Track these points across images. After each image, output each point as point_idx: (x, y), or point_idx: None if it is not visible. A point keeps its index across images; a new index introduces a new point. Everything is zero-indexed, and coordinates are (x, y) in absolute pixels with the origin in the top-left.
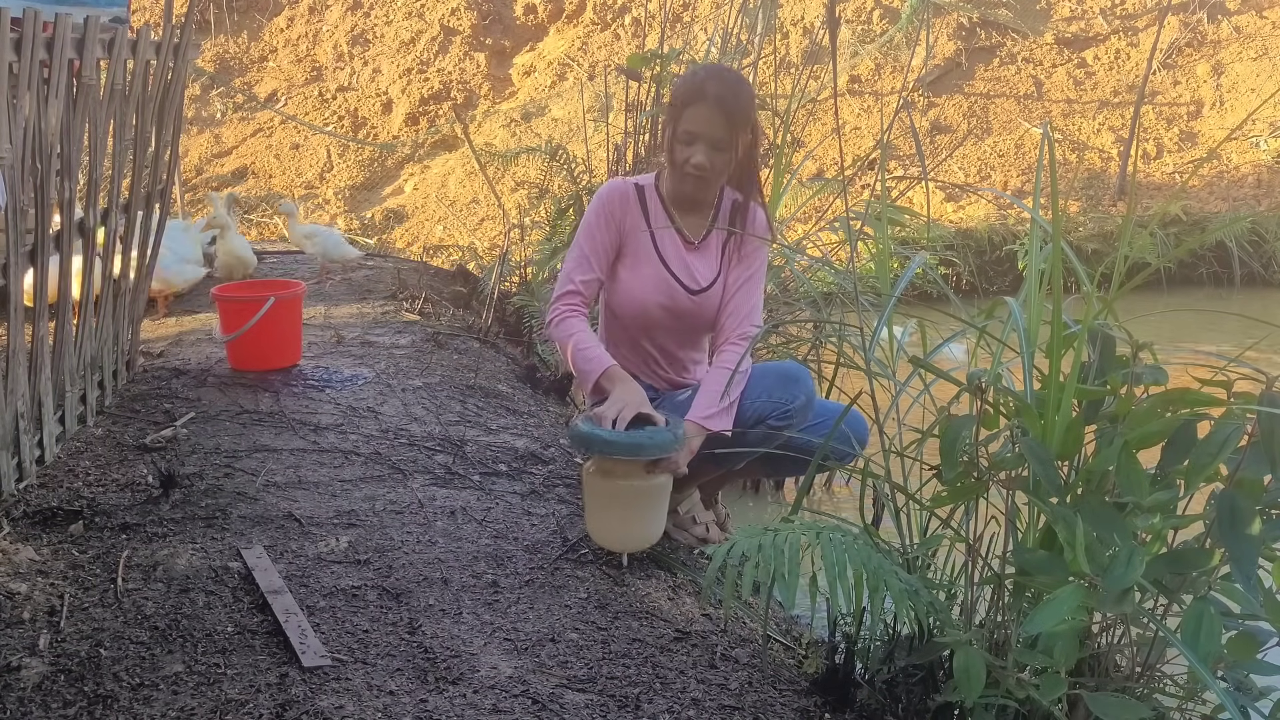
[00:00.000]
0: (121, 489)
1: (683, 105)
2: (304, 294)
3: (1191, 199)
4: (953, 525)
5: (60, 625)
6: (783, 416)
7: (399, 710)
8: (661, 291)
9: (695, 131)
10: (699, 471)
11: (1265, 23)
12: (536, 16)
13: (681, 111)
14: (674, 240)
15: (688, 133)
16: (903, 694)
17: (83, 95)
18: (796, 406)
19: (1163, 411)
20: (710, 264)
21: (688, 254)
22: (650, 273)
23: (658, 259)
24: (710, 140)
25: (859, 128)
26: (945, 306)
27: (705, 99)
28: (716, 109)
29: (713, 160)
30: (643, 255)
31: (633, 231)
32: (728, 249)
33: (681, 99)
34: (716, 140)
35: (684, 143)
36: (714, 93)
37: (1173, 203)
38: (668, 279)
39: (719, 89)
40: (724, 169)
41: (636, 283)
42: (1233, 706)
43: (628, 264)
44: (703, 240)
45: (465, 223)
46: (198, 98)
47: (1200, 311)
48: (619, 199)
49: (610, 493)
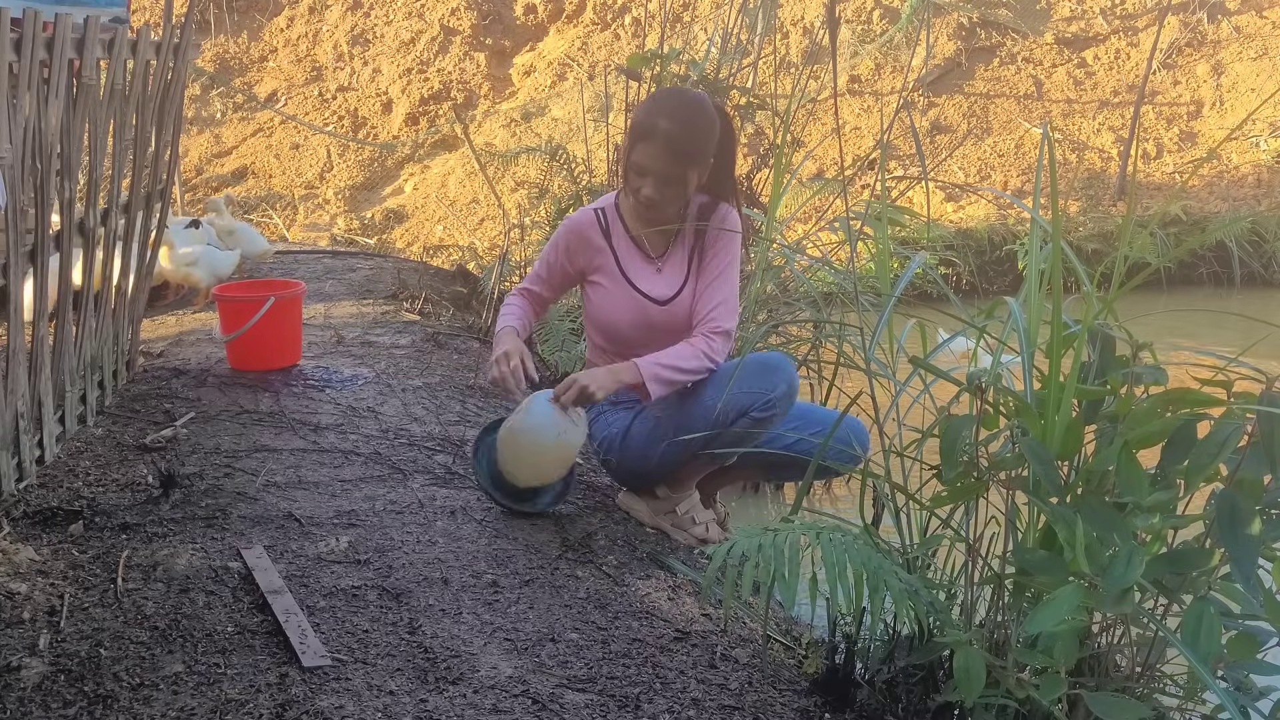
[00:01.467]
0: (121, 489)
1: (635, 139)
2: (304, 294)
3: (1191, 199)
4: (953, 525)
5: (60, 625)
6: (765, 407)
7: (399, 710)
8: (630, 309)
9: (645, 166)
10: (694, 467)
11: (1265, 23)
12: (536, 16)
13: (634, 144)
14: (637, 255)
15: (638, 165)
16: (903, 694)
17: (83, 95)
18: (777, 395)
19: (1163, 411)
20: (677, 272)
21: (652, 264)
22: (618, 293)
23: (623, 279)
24: (659, 175)
25: (859, 128)
26: (945, 306)
27: (655, 137)
28: (664, 148)
29: (663, 193)
30: (609, 276)
31: (596, 258)
32: (695, 254)
33: (635, 132)
34: (665, 176)
35: (636, 173)
36: (664, 130)
37: (1173, 203)
38: (634, 295)
39: (669, 127)
40: (677, 197)
41: (607, 304)
42: (1233, 706)
43: (597, 286)
44: (667, 252)
45: (465, 223)
46: (198, 98)
47: (1200, 311)
48: (577, 239)
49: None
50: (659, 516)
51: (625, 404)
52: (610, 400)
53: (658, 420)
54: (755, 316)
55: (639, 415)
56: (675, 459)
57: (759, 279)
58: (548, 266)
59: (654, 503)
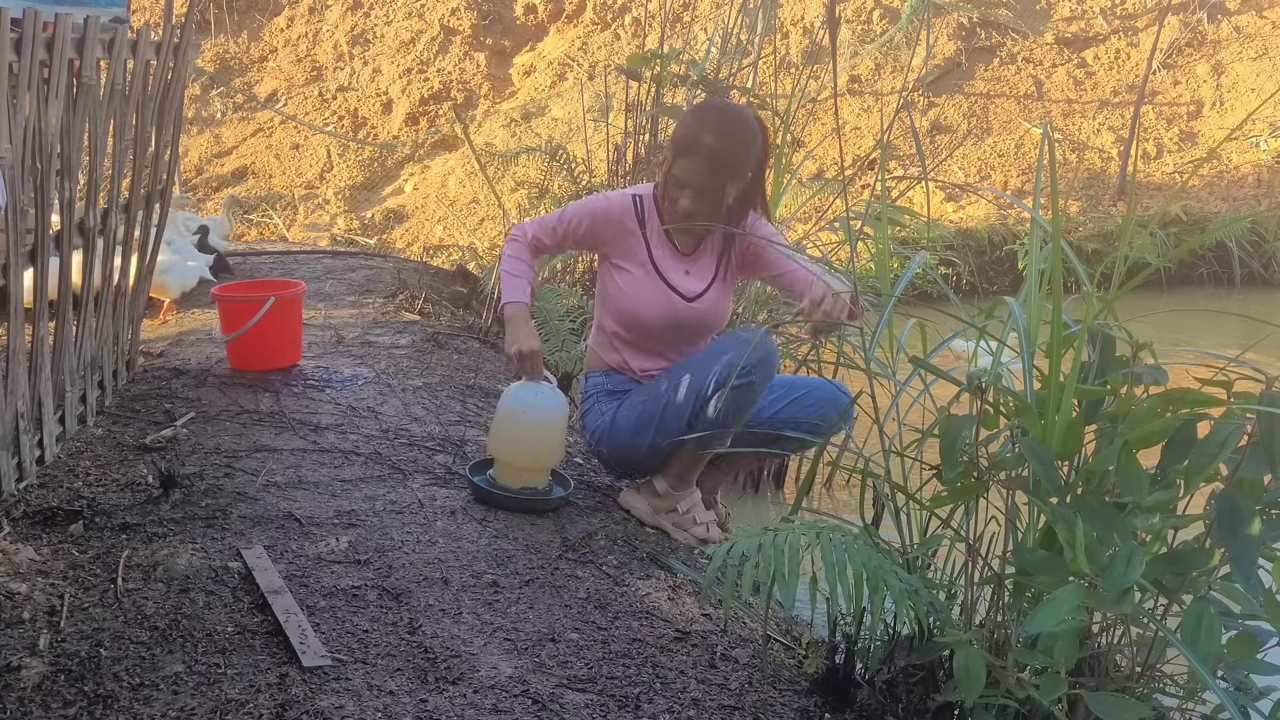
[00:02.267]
0: (121, 489)
1: (678, 153)
2: (304, 294)
3: (1191, 199)
4: (953, 525)
5: (60, 625)
6: (743, 373)
7: (399, 710)
8: (659, 302)
9: (685, 179)
10: (689, 459)
11: (1265, 23)
12: (536, 16)
13: (676, 158)
14: (669, 250)
15: (679, 178)
16: (903, 694)
17: (83, 95)
18: (753, 361)
19: (1163, 411)
20: (706, 272)
21: (682, 263)
22: (648, 283)
23: (654, 270)
24: (698, 189)
25: (859, 128)
26: (945, 306)
27: (698, 152)
28: (706, 163)
29: (699, 205)
30: (640, 265)
31: (626, 242)
32: (724, 259)
33: (678, 146)
34: (704, 190)
35: (675, 185)
36: (707, 147)
37: (1173, 203)
38: (664, 288)
39: (713, 143)
40: (714, 209)
41: (635, 291)
42: (1233, 706)
43: (625, 272)
44: (696, 252)
45: (465, 223)
46: (198, 98)
47: (1200, 311)
48: (608, 220)
49: None
50: (659, 515)
51: (617, 393)
52: (605, 390)
53: (643, 405)
54: (755, 316)
55: (624, 403)
56: (665, 443)
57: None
58: (566, 225)
59: (655, 501)
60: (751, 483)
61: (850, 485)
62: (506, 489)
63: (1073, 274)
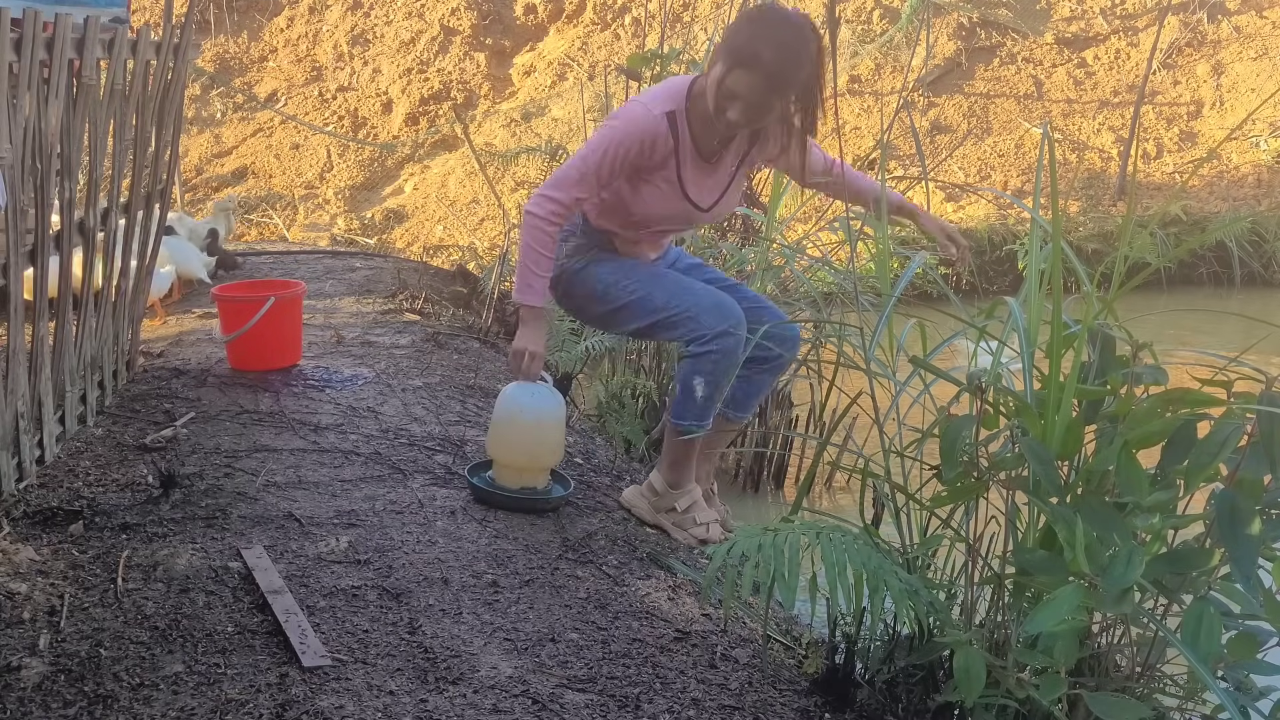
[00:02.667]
0: (121, 489)
1: (733, 64)
2: (304, 294)
3: (1191, 199)
4: (953, 525)
5: (60, 625)
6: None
7: (399, 710)
8: (676, 210)
9: (737, 92)
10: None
11: (1265, 23)
12: (536, 16)
13: (731, 69)
14: (694, 158)
15: (731, 90)
16: (903, 694)
17: (83, 95)
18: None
19: (1163, 411)
20: (724, 175)
21: (704, 172)
22: (670, 195)
23: (678, 185)
24: (751, 104)
25: (859, 128)
26: (945, 306)
27: (756, 67)
28: (764, 79)
29: (748, 119)
30: (667, 181)
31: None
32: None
33: (734, 56)
34: (756, 104)
35: (725, 95)
36: (766, 62)
37: (1173, 203)
38: (683, 202)
39: (774, 59)
40: (761, 121)
41: (655, 201)
42: (1232, 706)
43: (650, 185)
44: (719, 158)
45: (465, 223)
46: (198, 98)
47: (1200, 311)
48: (645, 145)
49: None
50: (659, 514)
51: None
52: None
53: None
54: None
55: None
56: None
57: (759, 279)
58: (607, 168)
59: (655, 499)
60: (751, 483)
61: (850, 485)
62: (506, 489)
63: (1073, 274)
